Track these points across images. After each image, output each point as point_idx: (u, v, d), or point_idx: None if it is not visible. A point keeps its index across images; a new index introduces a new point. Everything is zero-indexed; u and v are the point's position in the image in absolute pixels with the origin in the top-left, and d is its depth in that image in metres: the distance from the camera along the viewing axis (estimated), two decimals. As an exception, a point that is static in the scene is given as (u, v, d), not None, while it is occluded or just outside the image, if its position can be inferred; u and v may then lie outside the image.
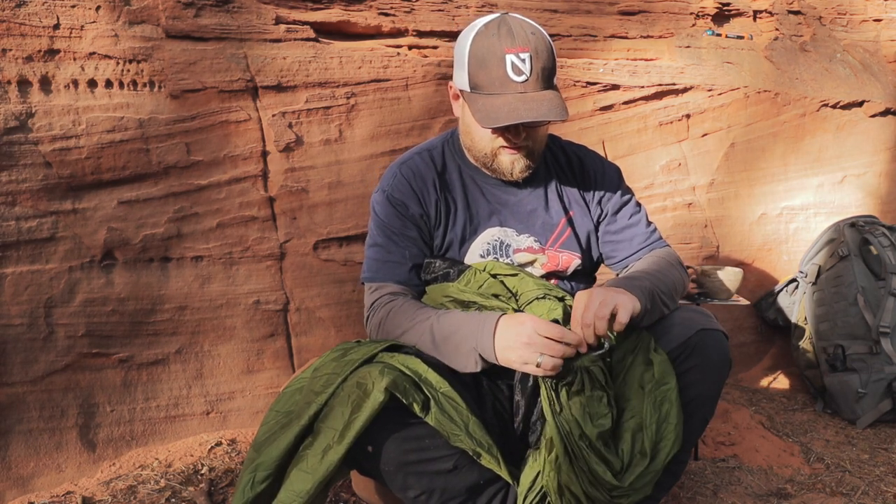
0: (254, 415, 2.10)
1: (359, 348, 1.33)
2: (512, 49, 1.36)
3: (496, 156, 1.48)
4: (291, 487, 1.17)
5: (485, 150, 1.48)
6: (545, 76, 1.39)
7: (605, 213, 1.63)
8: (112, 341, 1.92)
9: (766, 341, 2.92)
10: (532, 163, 1.50)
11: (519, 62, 1.36)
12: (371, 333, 1.48)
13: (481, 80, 1.39)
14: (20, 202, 1.80)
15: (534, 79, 1.37)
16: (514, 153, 1.47)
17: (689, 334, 1.37)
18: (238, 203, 2.05)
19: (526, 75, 1.36)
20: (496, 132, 1.44)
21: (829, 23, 3.19)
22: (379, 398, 1.19)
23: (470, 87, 1.42)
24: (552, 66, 1.41)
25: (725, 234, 2.83)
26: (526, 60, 1.36)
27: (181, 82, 1.97)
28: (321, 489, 1.18)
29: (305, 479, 1.17)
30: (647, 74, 2.61)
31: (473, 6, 2.43)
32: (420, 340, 1.36)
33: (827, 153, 2.98)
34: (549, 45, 1.41)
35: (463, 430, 1.23)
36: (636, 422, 1.30)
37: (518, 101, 1.36)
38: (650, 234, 1.63)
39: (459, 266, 1.50)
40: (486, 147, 1.48)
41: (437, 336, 1.34)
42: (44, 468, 1.83)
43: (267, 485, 1.21)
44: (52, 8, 1.86)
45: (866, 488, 1.95)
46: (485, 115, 1.38)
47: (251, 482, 1.20)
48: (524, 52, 1.36)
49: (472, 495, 1.29)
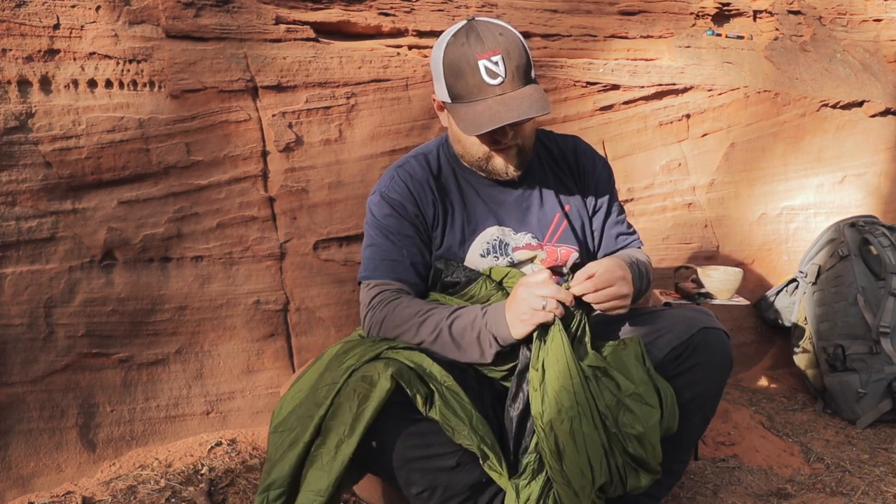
0: (254, 415, 2.10)
1: (355, 352, 1.32)
2: (483, 54, 1.38)
3: (489, 160, 1.50)
4: (309, 488, 1.19)
5: (477, 155, 1.50)
6: (521, 73, 1.40)
7: (600, 205, 1.66)
8: (112, 341, 1.92)
9: (766, 341, 2.92)
10: (525, 159, 1.52)
11: (492, 65, 1.38)
12: (370, 331, 1.46)
13: (459, 89, 1.41)
14: (20, 202, 1.80)
15: (510, 79, 1.39)
16: (505, 155, 1.49)
17: (691, 333, 1.38)
18: (238, 203, 2.05)
19: (502, 77, 1.38)
20: (483, 138, 1.46)
21: (829, 23, 3.19)
22: (386, 386, 1.20)
23: (450, 98, 1.44)
24: (526, 61, 1.42)
25: (725, 234, 2.83)
26: (499, 62, 1.38)
27: (181, 82, 1.97)
28: (337, 486, 1.19)
29: (322, 478, 1.18)
30: (647, 74, 2.61)
31: (473, 6, 2.43)
32: (428, 337, 1.36)
33: (827, 153, 2.98)
34: (520, 41, 1.43)
35: (467, 425, 1.23)
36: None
37: (498, 103, 1.38)
38: (631, 235, 1.70)
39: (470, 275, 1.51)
40: (478, 153, 1.50)
41: (455, 329, 1.36)
42: (44, 468, 1.83)
43: (281, 502, 1.23)
44: (52, 8, 1.86)
45: (866, 488, 1.95)
46: (468, 124, 1.40)
47: (265, 501, 1.22)
48: (495, 54, 1.38)
49: (474, 493, 1.29)
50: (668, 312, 1.47)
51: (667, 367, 1.37)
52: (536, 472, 1.26)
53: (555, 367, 1.25)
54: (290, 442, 1.24)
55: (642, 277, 1.51)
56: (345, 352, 1.32)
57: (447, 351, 1.36)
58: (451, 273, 1.50)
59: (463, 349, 1.35)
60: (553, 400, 1.23)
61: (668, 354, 1.37)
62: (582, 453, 1.22)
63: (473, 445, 1.23)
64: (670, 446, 1.41)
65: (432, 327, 1.37)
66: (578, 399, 1.23)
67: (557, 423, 1.22)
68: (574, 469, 1.22)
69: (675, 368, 1.36)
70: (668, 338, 1.38)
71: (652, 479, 1.31)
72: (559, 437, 1.22)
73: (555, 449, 1.23)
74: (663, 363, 1.37)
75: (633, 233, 1.70)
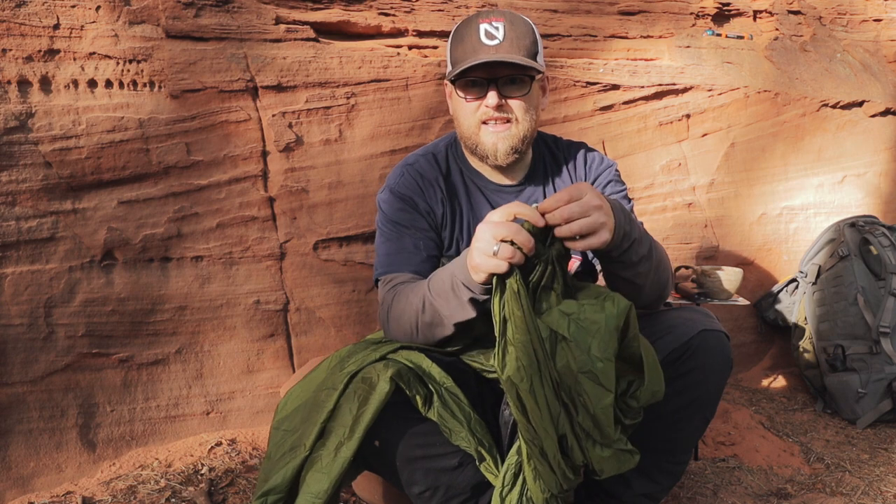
0: (254, 415, 2.10)
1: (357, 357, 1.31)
2: (486, 19, 1.39)
3: (479, 136, 1.46)
4: (309, 490, 1.18)
5: (469, 128, 1.47)
6: (520, 45, 1.39)
7: None
8: (112, 341, 1.92)
9: (766, 341, 2.92)
10: (515, 146, 1.47)
11: (492, 29, 1.38)
12: (384, 328, 1.44)
13: (457, 54, 1.42)
14: (20, 202, 1.80)
15: (507, 43, 1.37)
16: (495, 131, 1.45)
17: (691, 335, 1.37)
18: (238, 203, 2.05)
19: (499, 39, 1.38)
20: (472, 100, 1.43)
21: (829, 23, 3.19)
22: (385, 388, 1.19)
23: (451, 66, 1.45)
24: (532, 40, 1.41)
25: (725, 234, 2.83)
26: (499, 28, 1.38)
27: (181, 82, 1.97)
28: (337, 488, 1.19)
29: (322, 480, 1.17)
30: (647, 74, 2.61)
31: (473, 6, 2.43)
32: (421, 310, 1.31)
33: (827, 153, 2.98)
34: (530, 25, 1.42)
35: (465, 427, 1.23)
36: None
37: (484, 54, 1.37)
38: None
39: None
40: (469, 123, 1.46)
41: (433, 289, 1.28)
42: (44, 468, 1.83)
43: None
44: (52, 8, 1.86)
45: (866, 488, 1.95)
46: (452, 74, 1.40)
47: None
48: (498, 21, 1.38)
49: (475, 493, 1.29)
50: (668, 314, 1.46)
51: (666, 369, 1.35)
52: (516, 475, 1.23)
53: (512, 320, 1.14)
54: (292, 445, 1.24)
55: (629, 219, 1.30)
56: (349, 355, 1.32)
57: (437, 319, 1.29)
58: None
59: (448, 307, 1.27)
60: (513, 356, 1.13)
61: (667, 356, 1.36)
62: (544, 411, 1.14)
63: (471, 447, 1.22)
64: (669, 448, 1.42)
65: (420, 299, 1.31)
66: (538, 356, 1.13)
67: (517, 379, 1.13)
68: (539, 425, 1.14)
69: (675, 371, 1.36)
70: (668, 340, 1.38)
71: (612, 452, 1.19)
72: (521, 393, 1.14)
73: (518, 404, 1.14)
74: (663, 365, 1.36)
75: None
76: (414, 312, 1.33)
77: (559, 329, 1.16)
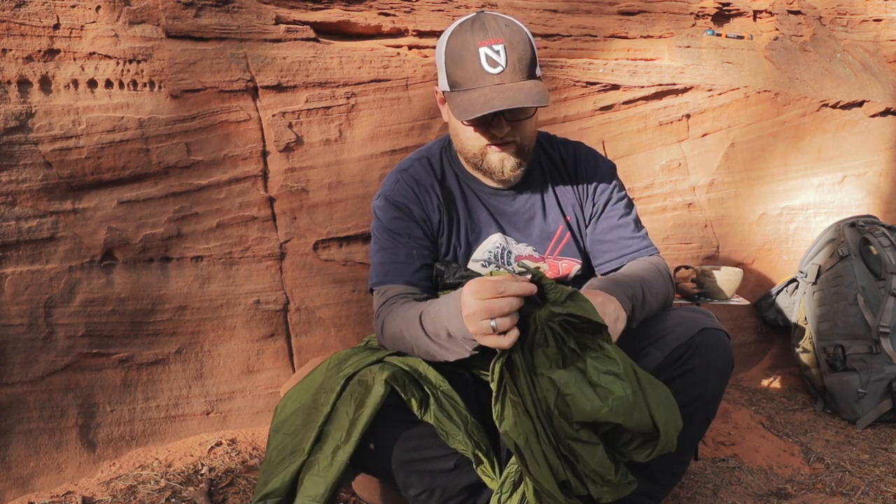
0: (254, 415, 2.10)
1: (353, 360, 1.31)
2: (485, 42, 1.34)
3: (484, 155, 1.45)
4: (306, 493, 1.18)
5: (473, 149, 1.45)
6: (522, 66, 1.36)
7: (596, 211, 1.59)
8: (112, 341, 1.92)
9: (766, 341, 2.92)
10: (522, 161, 1.46)
11: (493, 54, 1.34)
12: (378, 339, 1.44)
13: (458, 76, 1.38)
14: (20, 202, 1.80)
15: (510, 69, 1.35)
16: (501, 151, 1.44)
17: (692, 334, 1.36)
18: (238, 203, 2.05)
19: (502, 66, 1.34)
20: (480, 130, 1.41)
21: (829, 23, 3.19)
22: (380, 391, 1.19)
23: (449, 87, 1.40)
24: (531, 56, 1.38)
25: (725, 234, 2.83)
26: (500, 52, 1.34)
27: (181, 82, 1.97)
28: (334, 491, 1.19)
29: (318, 483, 1.18)
30: (647, 74, 2.61)
31: (473, 6, 2.43)
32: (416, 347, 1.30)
33: (827, 153, 2.98)
34: (526, 36, 1.39)
35: (462, 430, 1.22)
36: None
37: (494, 91, 1.34)
38: (639, 241, 1.58)
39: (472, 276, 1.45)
40: (474, 146, 1.45)
41: (430, 333, 1.27)
42: (44, 468, 1.83)
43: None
44: (52, 8, 1.86)
45: (866, 488, 1.95)
46: (462, 110, 1.36)
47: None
48: (497, 43, 1.34)
49: (472, 495, 1.29)
50: (669, 314, 1.46)
51: (667, 368, 1.36)
52: (516, 483, 1.23)
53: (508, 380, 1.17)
54: (291, 449, 1.24)
55: (645, 301, 1.36)
56: (346, 357, 1.32)
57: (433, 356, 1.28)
58: (452, 274, 1.49)
59: (445, 353, 1.26)
60: (510, 412, 1.17)
61: (668, 356, 1.36)
62: (542, 466, 1.16)
63: (468, 450, 1.22)
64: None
65: (415, 337, 1.29)
66: (534, 414, 1.16)
67: (514, 435, 1.16)
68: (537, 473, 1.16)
69: (676, 370, 1.36)
70: (669, 339, 1.37)
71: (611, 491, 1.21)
72: (518, 445, 1.16)
73: (517, 453, 1.17)
74: (664, 365, 1.36)
75: (641, 237, 1.59)
76: (409, 348, 1.32)
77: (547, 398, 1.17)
